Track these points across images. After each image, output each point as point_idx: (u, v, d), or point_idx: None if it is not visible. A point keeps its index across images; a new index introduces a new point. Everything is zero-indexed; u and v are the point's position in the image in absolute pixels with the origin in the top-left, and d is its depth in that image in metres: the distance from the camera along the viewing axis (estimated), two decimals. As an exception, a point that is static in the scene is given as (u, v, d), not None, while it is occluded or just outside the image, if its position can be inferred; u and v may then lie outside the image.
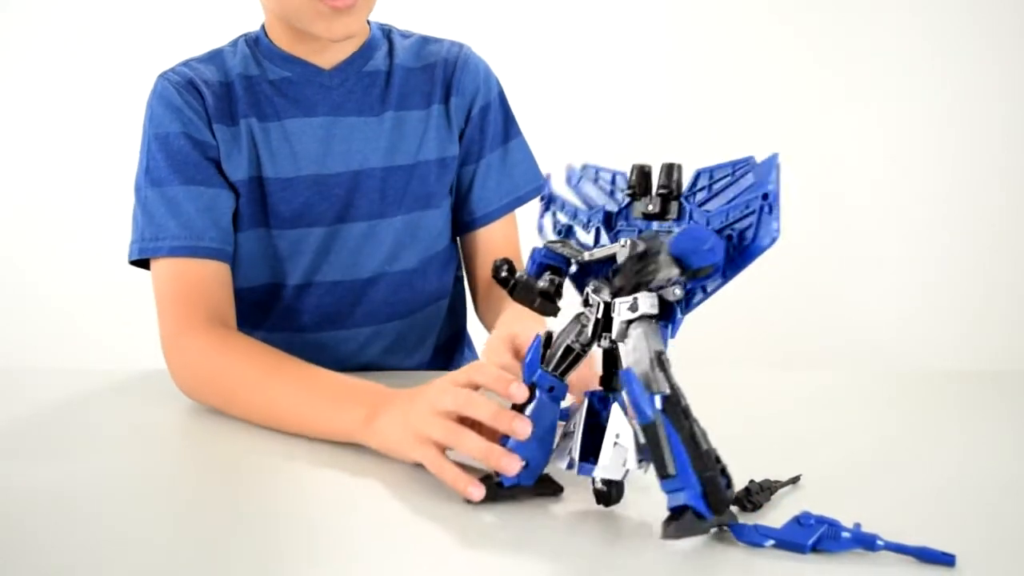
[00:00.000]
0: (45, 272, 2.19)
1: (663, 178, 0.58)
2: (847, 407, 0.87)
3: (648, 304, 0.58)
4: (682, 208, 0.59)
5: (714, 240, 0.54)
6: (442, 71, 1.03)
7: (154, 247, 0.90)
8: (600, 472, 0.59)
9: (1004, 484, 0.67)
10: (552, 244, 0.66)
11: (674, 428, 0.54)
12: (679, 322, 0.58)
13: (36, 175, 2.20)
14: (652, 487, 0.64)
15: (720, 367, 0.85)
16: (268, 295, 1.00)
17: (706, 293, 0.57)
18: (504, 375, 0.64)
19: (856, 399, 0.90)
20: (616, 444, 0.58)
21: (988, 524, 0.60)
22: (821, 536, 0.55)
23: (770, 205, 0.53)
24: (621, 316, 0.59)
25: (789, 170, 0.54)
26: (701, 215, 0.57)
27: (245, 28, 1.02)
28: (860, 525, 0.55)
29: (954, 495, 0.65)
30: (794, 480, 0.65)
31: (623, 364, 0.58)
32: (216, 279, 0.91)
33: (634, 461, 0.58)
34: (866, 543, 0.54)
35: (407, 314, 1.04)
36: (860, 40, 2.18)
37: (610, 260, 0.62)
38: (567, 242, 0.66)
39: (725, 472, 0.56)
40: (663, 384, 0.55)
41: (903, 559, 0.54)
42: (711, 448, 0.55)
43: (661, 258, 0.55)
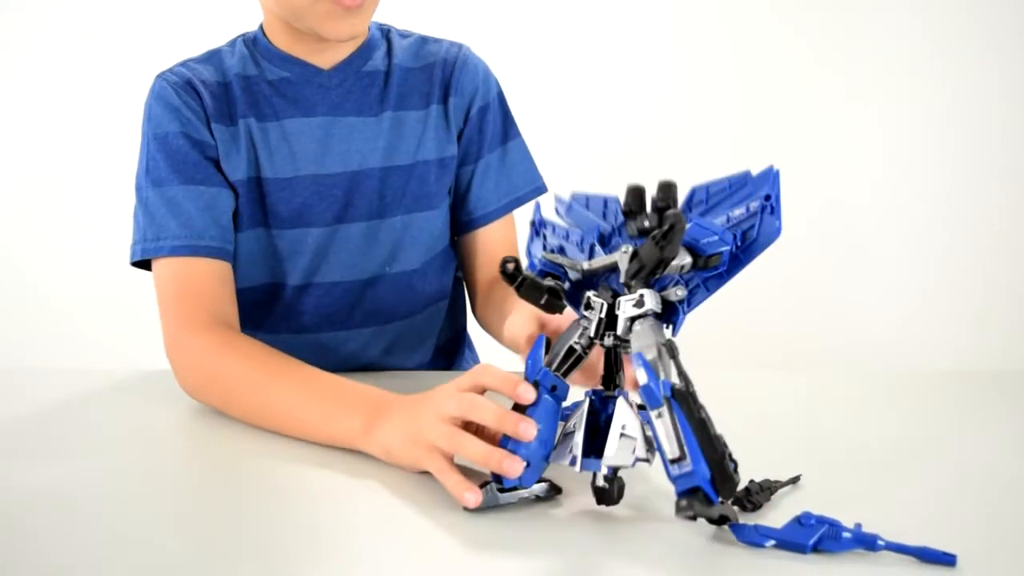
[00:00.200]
0: (45, 272, 2.19)
1: (660, 194, 0.58)
2: (847, 407, 0.87)
3: (653, 301, 0.59)
4: None
5: (723, 231, 0.56)
6: (441, 71, 1.03)
7: (155, 247, 0.90)
8: (608, 462, 0.59)
9: (1004, 484, 0.67)
10: (550, 255, 0.66)
11: (683, 413, 0.55)
12: (682, 320, 0.59)
13: (36, 175, 2.20)
14: (651, 488, 0.64)
15: (720, 367, 0.85)
16: (268, 295, 1.00)
17: (708, 291, 0.58)
18: (510, 376, 0.64)
19: (856, 399, 0.90)
20: (623, 435, 0.59)
21: (988, 524, 0.60)
22: (822, 536, 0.55)
23: (772, 205, 0.55)
24: (626, 313, 0.60)
25: (787, 172, 0.56)
26: (701, 218, 0.58)
27: (243, 28, 1.02)
28: (861, 525, 0.55)
29: (954, 495, 0.65)
30: (794, 480, 0.66)
31: (632, 350, 0.58)
32: (217, 278, 0.91)
33: (643, 450, 0.59)
34: (867, 543, 0.54)
35: (407, 315, 1.04)
36: (859, 40, 2.18)
37: (609, 272, 0.63)
38: (564, 255, 0.67)
39: (731, 457, 0.56)
40: (672, 370, 0.56)
41: (904, 559, 0.54)
42: (719, 434, 0.56)
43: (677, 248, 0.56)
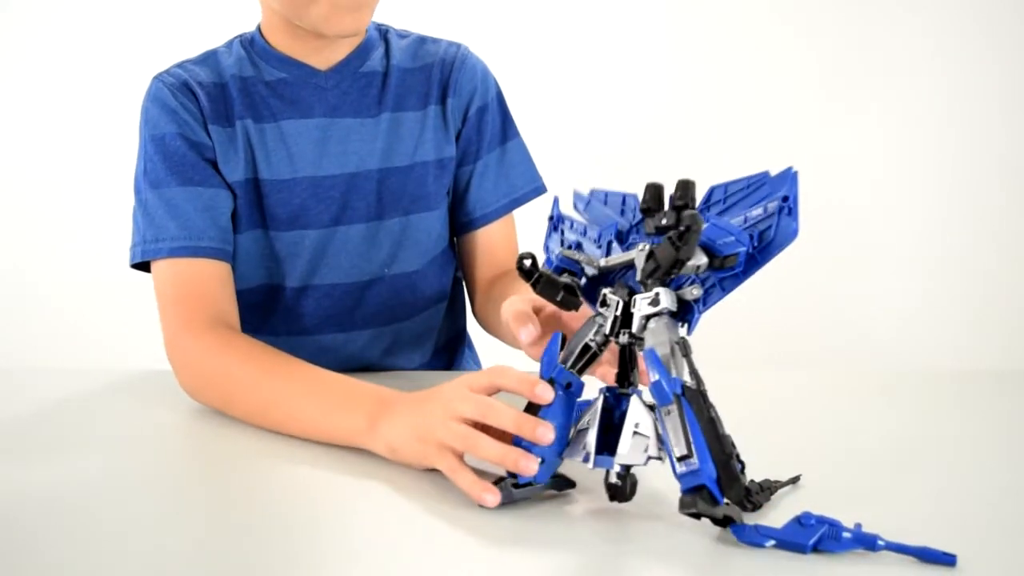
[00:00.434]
0: (45, 272, 2.19)
1: (679, 192, 0.58)
2: (847, 407, 0.87)
3: (669, 300, 0.59)
4: None
5: (739, 231, 0.56)
6: (439, 71, 1.02)
7: (155, 248, 0.90)
8: (620, 460, 0.59)
9: (1004, 484, 0.67)
10: (567, 252, 0.67)
11: (692, 411, 0.55)
12: (697, 319, 0.59)
13: (36, 176, 2.20)
14: (662, 486, 0.64)
15: (720, 367, 0.85)
16: (267, 297, 1.00)
17: (724, 291, 0.58)
18: (527, 377, 0.63)
19: (856, 399, 0.90)
20: (636, 433, 0.59)
21: (988, 524, 0.60)
22: (822, 536, 0.55)
23: (789, 206, 0.55)
24: (641, 311, 0.60)
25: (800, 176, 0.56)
26: (718, 219, 0.58)
27: (241, 29, 1.01)
28: (861, 525, 0.55)
29: (954, 495, 0.65)
30: (794, 480, 0.66)
31: (646, 347, 0.59)
32: (217, 278, 0.91)
33: (656, 448, 0.58)
34: (867, 543, 0.54)
35: (407, 316, 1.04)
36: (860, 40, 2.18)
37: (625, 269, 0.63)
38: (581, 252, 0.67)
39: (739, 458, 0.57)
40: (684, 369, 0.57)
41: (904, 559, 0.54)
42: (727, 434, 0.56)
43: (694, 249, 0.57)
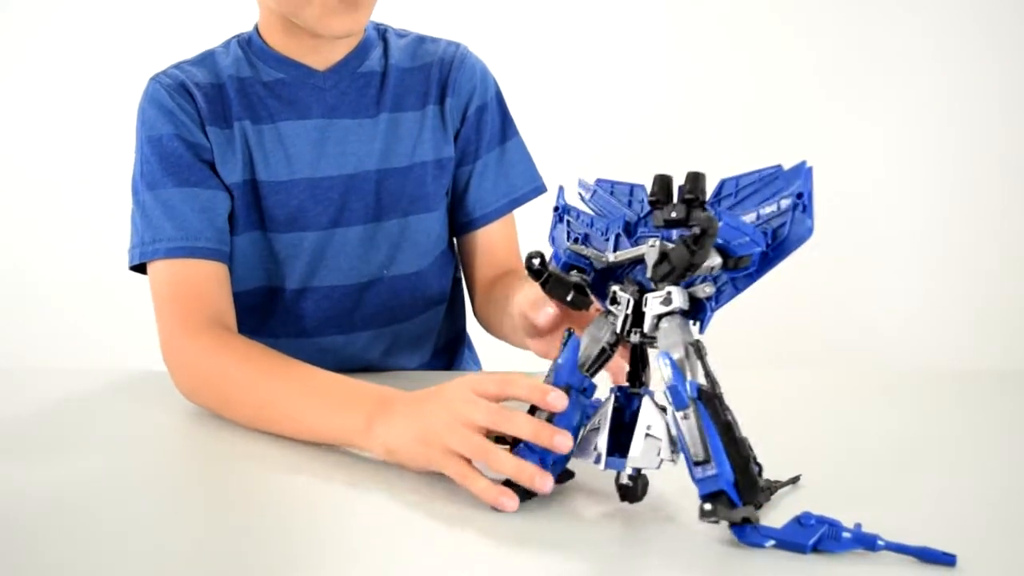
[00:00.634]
0: (45, 272, 2.18)
1: (688, 185, 0.58)
2: (847, 407, 0.87)
3: (681, 299, 0.58)
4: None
5: (754, 231, 0.55)
6: (438, 71, 1.02)
7: (152, 250, 0.89)
8: (632, 463, 0.59)
9: (1004, 484, 0.67)
10: (575, 246, 0.66)
11: (709, 415, 0.55)
12: (709, 318, 0.58)
13: (35, 176, 2.20)
14: (671, 487, 0.64)
15: (719, 367, 0.84)
16: (266, 299, 0.99)
17: (736, 290, 0.57)
18: (539, 386, 0.61)
19: (857, 398, 0.90)
20: (648, 435, 0.58)
21: (988, 524, 0.60)
22: (822, 536, 0.55)
23: (804, 204, 0.54)
24: (653, 310, 0.59)
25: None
26: (732, 217, 0.57)
27: (239, 29, 1.01)
28: (861, 525, 0.55)
29: (954, 495, 0.65)
30: (794, 480, 0.65)
31: (660, 349, 0.58)
32: (213, 279, 0.90)
33: (668, 451, 0.58)
34: (867, 543, 0.54)
35: (406, 318, 1.04)
36: (862, 39, 2.17)
37: (634, 263, 0.62)
38: (589, 246, 0.66)
39: (756, 461, 0.56)
40: (699, 372, 0.56)
41: (903, 559, 0.54)
42: (744, 437, 0.55)
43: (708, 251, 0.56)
